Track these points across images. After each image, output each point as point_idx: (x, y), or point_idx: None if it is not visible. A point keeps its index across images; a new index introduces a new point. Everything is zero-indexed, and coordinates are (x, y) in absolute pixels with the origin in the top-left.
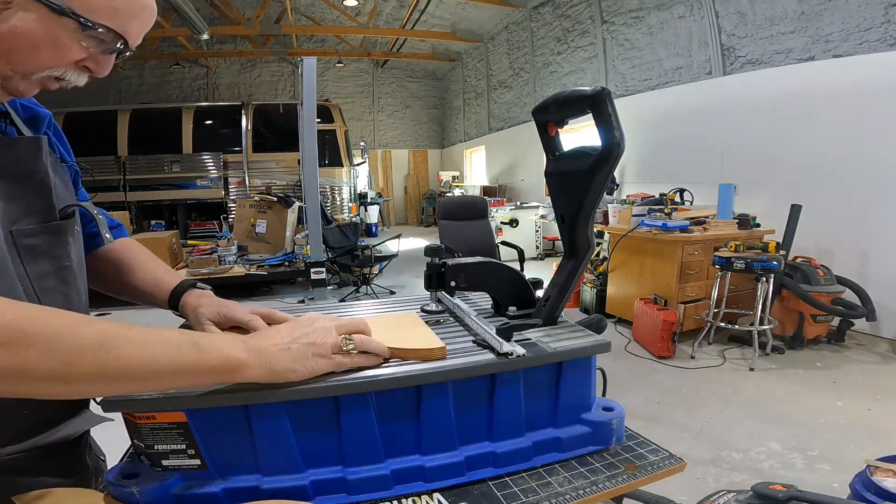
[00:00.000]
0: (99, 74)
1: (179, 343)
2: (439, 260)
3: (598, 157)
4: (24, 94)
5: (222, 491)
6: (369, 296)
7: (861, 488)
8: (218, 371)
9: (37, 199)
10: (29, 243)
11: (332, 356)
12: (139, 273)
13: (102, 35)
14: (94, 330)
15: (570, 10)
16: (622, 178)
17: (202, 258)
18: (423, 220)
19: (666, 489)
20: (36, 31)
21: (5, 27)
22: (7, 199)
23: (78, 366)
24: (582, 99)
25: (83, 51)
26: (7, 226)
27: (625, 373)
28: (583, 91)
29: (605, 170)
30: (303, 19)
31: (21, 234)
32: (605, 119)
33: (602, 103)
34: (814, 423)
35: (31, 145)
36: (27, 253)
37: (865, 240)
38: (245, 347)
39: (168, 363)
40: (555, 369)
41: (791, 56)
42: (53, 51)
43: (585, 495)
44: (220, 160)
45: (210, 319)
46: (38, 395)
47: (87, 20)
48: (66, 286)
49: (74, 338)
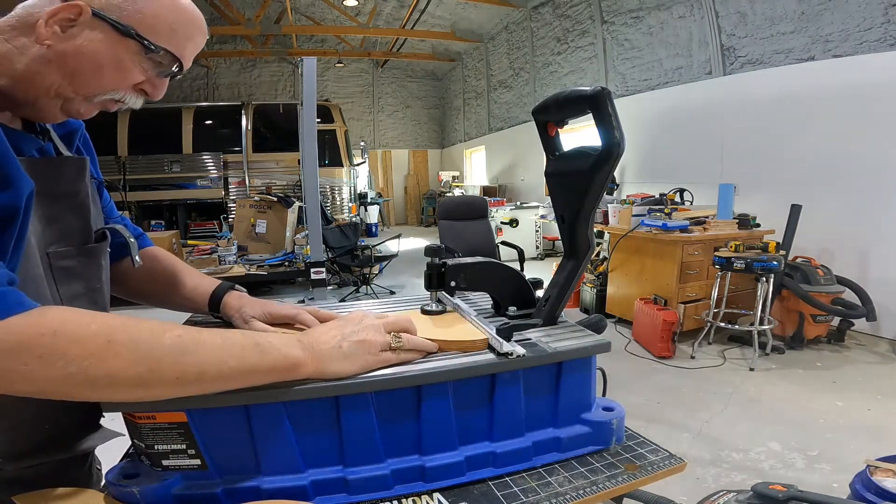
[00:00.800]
0: (155, 97)
1: (244, 345)
2: (439, 260)
3: (598, 157)
4: (83, 117)
5: (222, 491)
6: (369, 296)
7: (861, 488)
8: (278, 370)
9: (75, 221)
10: (64, 265)
11: (380, 353)
12: (178, 286)
13: (162, 58)
14: (171, 336)
15: (570, 10)
16: (622, 178)
17: (202, 258)
18: (423, 220)
19: (666, 489)
20: (101, 52)
21: (72, 46)
22: (47, 222)
23: (159, 371)
24: (582, 99)
25: (143, 73)
26: (44, 247)
27: (625, 373)
28: (583, 91)
29: (605, 170)
30: (303, 19)
31: (57, 257)
32: (605, 119)
33: (602, 103)
34: (814, 423)
35: (75, 167)
36: (61, 274)
37: (865, 240)
38: (301, 346)
39: (236, 365)
40: (555, 369)
41: (791, 56)
42: (117, 73)
43: (585, 495)
44: (220, 160)
45: (256, 318)
46: (120, 399)
47: (150, 42)
48: (94, 306)
49: (157, 345)
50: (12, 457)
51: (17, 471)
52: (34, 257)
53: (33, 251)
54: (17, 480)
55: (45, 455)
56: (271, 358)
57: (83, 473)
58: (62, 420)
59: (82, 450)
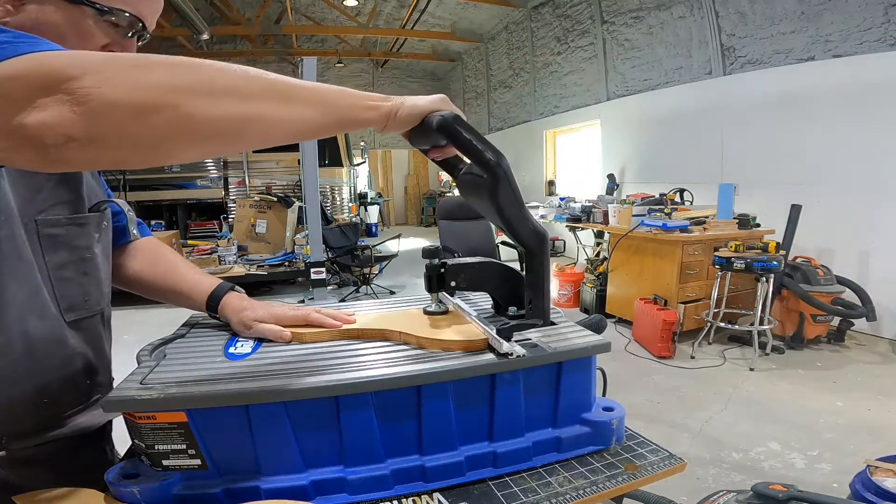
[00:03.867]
0: None
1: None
2: (439, 260)
3: (490, 186)
4: None
5: (222, 491)
6: (369, 296)
7: (861, 488)
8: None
9: (65, 191)
10: (51, 233)
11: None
12: (175, 273)
13: (119, 18)
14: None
15: (570, 10)
16: (622, 178)
17: (202, 258)
18: (423, 220)
19: (666, 489)
20: (59, 22)
21: (29, 22)
22: (36, 190)
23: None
24: (431, 131)
25: (107, 36)
26: (32, 214)
27: (625, 373)
28: (429, 119)
29: (505, 189)
30: (303, 19)
31: (45, 224)
32: (466, 146)
33: (452, 132)
34: (814, 423)
35: None
36: (48, 242)
37: (865, 240)
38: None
39: (332, 91)
40: (555, 369)
41: (791, 56)
42: (80, 40)
43: (585, 495)
44: (221, 160)
45: (260, 320)
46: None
47: (101, 5)
48: (85, 277)
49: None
50: (15, 435)
51: (24, 450)
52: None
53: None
54: (29, 461)
55: (48, 432)
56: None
57: (99, 455)
58: (61, 396)
59: (83, 426)
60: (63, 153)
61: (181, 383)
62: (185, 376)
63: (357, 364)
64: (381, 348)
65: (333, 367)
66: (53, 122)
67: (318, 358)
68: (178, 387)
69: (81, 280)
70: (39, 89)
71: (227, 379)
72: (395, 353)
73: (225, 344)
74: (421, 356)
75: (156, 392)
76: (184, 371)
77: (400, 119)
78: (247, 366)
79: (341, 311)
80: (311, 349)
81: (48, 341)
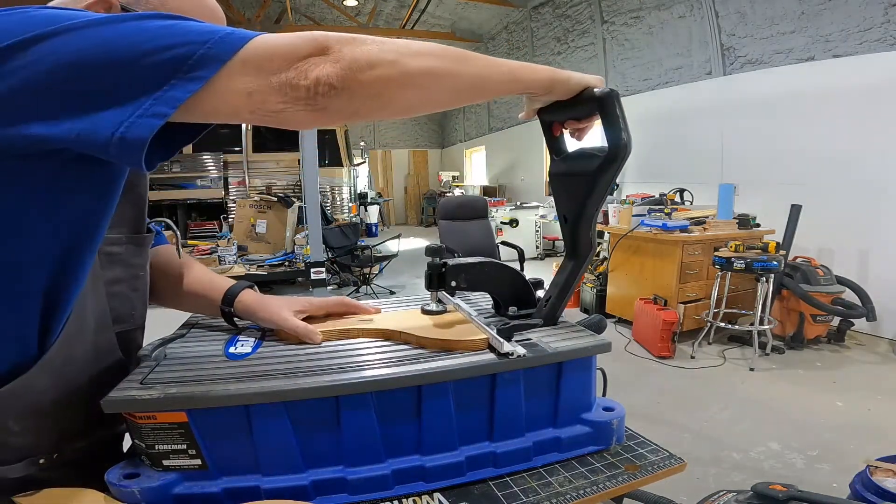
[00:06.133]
0: None
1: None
2: (440, 260)
3: (604, 159)
4: None
5: (223, 491)
6: (369, 296)
7: (861, 488)
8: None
9: (130, 211)
10: (111, 251)
11: None
12: (190, 277)
13: None
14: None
15: (570, 10)
16: (622, 178)
17: (202, 258)
18: (423, 220)
19: (666, 489)
20: None
21: None
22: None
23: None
24: (590, 100)
25: None
26: None
27: (625, 373)
28: (591, 92)
29: (611, 171)
30: (303, 19)
31: (107, 242)
32: (612, 120)
33: (610, 105)
34: (814, 423)
35: None
36: (106, 259)
37: (865, 240)
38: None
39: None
40: (555, 369)
41: (791, 56)
42: None
43: (586, 495)
44: (220, 160)
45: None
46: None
47: None
48: (135, 293)
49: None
50: (69, 437)
51: (73, 452)
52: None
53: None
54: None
55: (95, 434)
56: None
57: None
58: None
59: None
60: (326, 101)
61: (181, 383)
62: (185, 376)
63: (357, 364)
64: (382, 348)
65: (334, 367)
66: (323, 74)
67: (319, 358)
68: (178, 387)
69: (131, 296)
70: (312, 54)
71: (228, 379)
72: (396, 352)
73: (225, 344)
74: (421, 356)
75: (156, 392)
76: (184, 371)
77: (570, 86)
78: (247, 366)
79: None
80: (311, 349)
81: (106, 351)
